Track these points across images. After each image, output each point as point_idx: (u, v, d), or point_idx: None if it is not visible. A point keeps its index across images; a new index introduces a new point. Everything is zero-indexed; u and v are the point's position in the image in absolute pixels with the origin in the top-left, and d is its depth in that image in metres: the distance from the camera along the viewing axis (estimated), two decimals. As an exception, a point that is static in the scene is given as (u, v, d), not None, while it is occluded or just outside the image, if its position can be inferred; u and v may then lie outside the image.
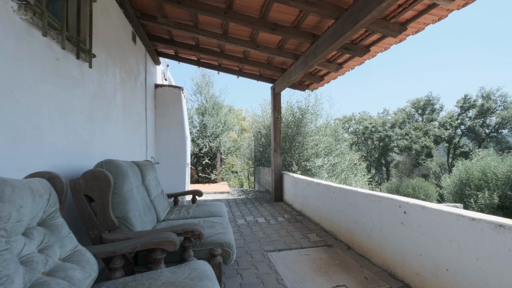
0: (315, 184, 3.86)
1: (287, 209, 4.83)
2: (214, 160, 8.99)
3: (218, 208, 2.91)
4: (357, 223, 2.73)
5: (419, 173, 25.83)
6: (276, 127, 5.57)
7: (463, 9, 2.65)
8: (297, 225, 3.81)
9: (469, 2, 2.51)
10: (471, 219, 1.53)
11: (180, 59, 5.93)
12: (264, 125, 7.82)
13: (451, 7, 2.66)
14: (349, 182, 6.01)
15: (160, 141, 5.73)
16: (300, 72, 4.26)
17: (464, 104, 25.86)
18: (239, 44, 4.22)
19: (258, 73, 5.88)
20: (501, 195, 9.33)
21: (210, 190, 7.15)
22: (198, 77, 10.98)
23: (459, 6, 2.60)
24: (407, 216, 2.03)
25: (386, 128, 29.88)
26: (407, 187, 16.61)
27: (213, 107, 10.39)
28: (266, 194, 6.75)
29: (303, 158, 5.88)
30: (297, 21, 3.46)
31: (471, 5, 2.58)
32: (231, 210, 4.86)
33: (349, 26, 2.76)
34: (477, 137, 24.97)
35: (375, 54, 4.00)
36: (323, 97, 6.61)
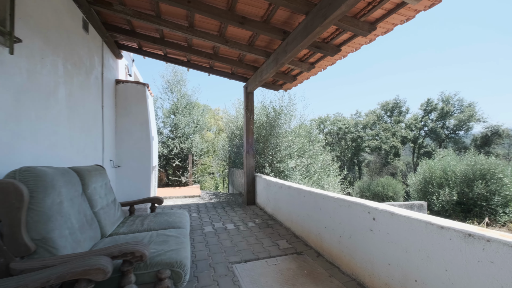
0: (286, 187, 3.70)
1: (259, 213, 4.63)
2: (186, 162, 8.54)
3: (179, 218, 2.61)
4: (327, 228, 2.60)
5: (388, 172, 27.31)
6: (249, 127, 5.36)
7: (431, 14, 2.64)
8: (267, 230, 3.62)
9: (436, 3, 2.50)
10: (440, 227, 1.43)
11: (145, 53, 5.48)
12: (237, 126, 7.57)
13: (418, 8, 2.64)
14: (322, 183, 5.99)
15: (121, 142, 5.23)
16: (271, 70, 4.09)
17: (427, 107, 27.82)
18: (206, 38, 3.93)
19: (230, 71, 5.63)
20: (459, 192, 10.02)
21: (179, 194, 6.74)
22: (169, 74, 10.42)
23: (425, 7, 2.59)
24: (376, 222, 1.92)
25: (358, 129, 31.20)
26: (377, 185, 17.36)
27: (185, 106, 9.90)
28: (239, 197, 6.51)
29: (277, 159, 5.74)
30: (266, 15, 3.27)
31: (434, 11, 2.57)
32: (200, 216, 4.55)
33: (318, 22, 2.63)
34: (438, 137, 26.99)
35: (346, 54, 3.95)
36: (296, 98, 6.58)
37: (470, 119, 24.93)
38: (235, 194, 7.30)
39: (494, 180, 9.60)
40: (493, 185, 9.52)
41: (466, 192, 9.95)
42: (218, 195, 6.96)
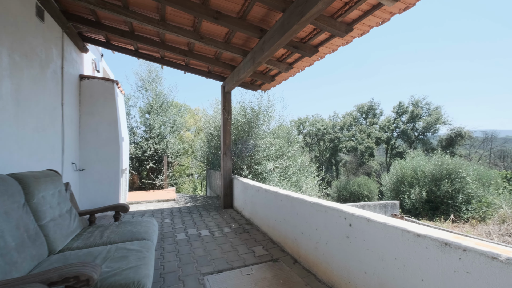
0: (263, 190, 3.58)
1: (235, 217, 4.47)
2: (161, 164, 8.12)
3: (145, 227, 2.37)
4: (304, 234, 2.51)
5: (363, 172, 28.40)
6: (226, 129, 5.17)
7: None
8: (244, 236, 3.47)
9: (410, 6, 2.52)
10: (416, 235, 1.38)
11: (114, 47, 5.08)
12: (215, 127, 7.35)
13: (393, 10, 2.65)
14: (301, 184, 5.97)
15: (86, 143, 4.81)
16: (248, 69, 3.95)
17: (399, 110, 29.37)
18: (180, 33, 3.70)
19: (207, 69, 5.41)
20: (428, 191, 10.62)
21: (153, 198, 6.37)
22: (143, 72, 9.87)
23: (400, 9, 2.60)
24: (353, 229, 1.85)
25: (336, 130, 32.13)
26: (353, 185, 17.96)
27: (161, 105, 9.44)
28: (216, 200, 6.30)
29: (255, 161, 5.61)
30: (242, 11, 3.13)
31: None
32: (173, 222, 4.29)
33: (295, 19, 2.53)
34: (409, 139, 28.59)
35: (323, 55, 3.92)
36: (275, 98, 6.52)
37: (436, 122, 26.70)
38: (213, 197, 7.07)
39: (458, 179, 10.27)
40: (458, 183, 10.19)
41: (434, 190, 10.56)
42: (194, 198, 6.68)
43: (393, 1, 2.39)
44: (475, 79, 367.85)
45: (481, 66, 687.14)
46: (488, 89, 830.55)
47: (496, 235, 7.21)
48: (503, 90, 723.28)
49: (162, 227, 3.95)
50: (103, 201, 4.81)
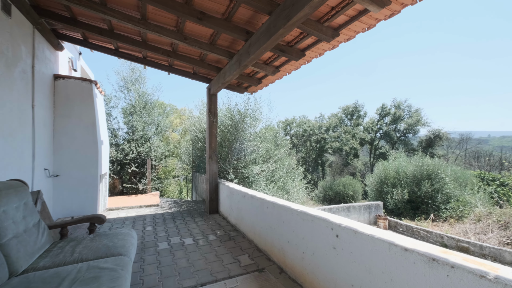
0: (249, 196, 3.50)
1: (221, 223, 4.35)
2: (144, 168, 7.82)
3: (122, 241, 2.22)
4: (290, 243, 2.45)
5: (348, 172, 29.01)
6: (212, 132, 5.05)
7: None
8: (229, 244, 3.37)
9: (395, 13, 2.53)
10: (404, 249, 1.35)
11: (92, 46, 4.81)
12: (200, 129, 7.18)
13: (379, 17, 2.66)
14: (287, 187, 5.94)
15: (61, 147, 4.52)
16: (234, 72, 3.86)
17: (382, 112, 30.28)
18: (162, 33, 3.55)
19: (192, 70, 5.26)
20: (410, 191, 10.96)
21: (135, 204, 6.11)
22: (126, 71, 9.49)
23: (386, 16, 2.61)
24: (340, 240, 1.81)
25: (322, 131, 32.63)
26: (339, 185, 18.30)
27: (145, 106, 9.12)
28: (202, 205, 6.14)
29: (241, 164, 5.52)
30: (227, 12, 3.04)
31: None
32: (155, 229, 4.10)
33: (282, 23, 2.47)
34: (391, 140, 29.54)
35: (310, 60, 3.90)
36: (262, 101, 6.46)
37: (417, 123, 27.77)
38: (198, 201, 6.89)
39: (437, 179, 10.68)
40: (437, 184, 10.59)
41: (415, 191, 10.91)
42: (179, 203, 6.48)
43: (379, 7, 2.39)
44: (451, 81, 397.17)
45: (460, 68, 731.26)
46: (463, 91, 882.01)
47: (473, 234, 7.53)
48: (475, 93, 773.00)
49: (143, 236, 3.76)
50: (79, 209, 4.54)
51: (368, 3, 2.36)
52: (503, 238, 6.75)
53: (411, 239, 1.45)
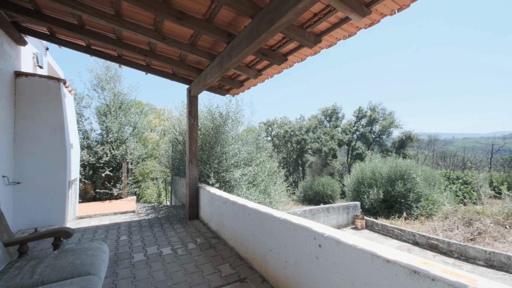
0: (231, 203, 3.41)
1: (201, 230, 4.22)
2: (119, 171, 7.40)
3: (91, 257, 2.03)
4: (272, 252, 2.41)
5: (327, 172, 29.81)
6: (192, 135, 4.89)
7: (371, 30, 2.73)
8: (210, 252, 3.26)
9: (375, 22, 2.59)
10: (386, 260, 1.36)
11: (60, 42, 4.45)
12: (180, 131, 6.95)
13: (360, 25, 2.71)
14: (269, 191, 5.92)
15: (23, 152, 4.13)
16: (216, 75, 3.75)
17: (359, 114, 31.53)
18: (139, 32, 3.35)
19: (171, 71, 5.07)
20: (385, 191, 11.48)
21: (109, 211, 5.75)
22: (100, 68, 8.94)
23: (366, 25, 2.67)
24: (322, 250, 1.80)
25: (302, 132, 33.25)
26: (318, 185, 18.75)
27: (120, 106, 8.64)
28: (181, 210, 5.93)
29: (222, 168, 5.40)
30: (208, 13, 2.94)
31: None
32: (131, 239, 3.87)
33: (264, 27, 2.43)
34: (367, 141, 30.85)
35: (292, 64, 3.91)
36: (244, 103, 6.41)
37: (390, 126, 29.27)
38: (178, 206, 6.66)
39: (409, 179, 11.29)
40: (409, 184, 11.18)
41: (390, 190, 11.44)
42: (157, 208, 6.21)
43: (360, 16, 2.43)
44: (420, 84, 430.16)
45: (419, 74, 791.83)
46: (431, 94, 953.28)
47: (441, 231, 8.04)
48: (441, 97, 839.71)
49: (117, 247, 3.53)
50: (45, 219, 4.17)
51: (350, 12, 2.39)
52: (467, 234, 7.27)
53: (392, 249, 1.47)
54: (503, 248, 6.31)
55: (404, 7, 2.46)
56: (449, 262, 6.19)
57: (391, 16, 2.57)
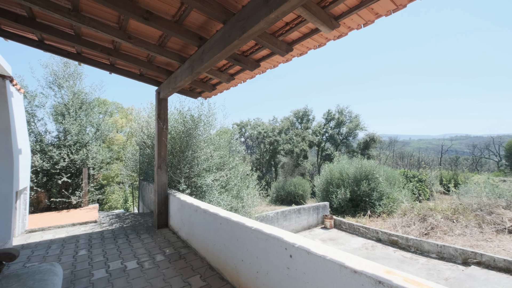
0: (202, 211, 3.31)
1: (171, 240, 4.03)
2: (79, 178, 6.77)
3: (40, 283, 1.81)
4: (244, 262, 2.38)
5: (298, 172, 30.70)
6: (161, 140, 4.66)
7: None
8: (179, 264, 3.12)
9: (343, 35, 2.71)
10: (353, 271, 1.41)
11: (6, 34, 3.93)
12: (149, 134, 6.60)
13: (329, 37, 2.81)
14: (242, 195, 5.88)
15: (-44, 158, 3.56)
16: (186, 78, 3.62)
17: (328, 117, 33.03)
18: (100, 29, 3.10)
19: (138, 71, 4.78)
20: (351, 191, 12.14)
21: (66, 222, 5.22)
22: (57, 64, 8.11)
23: (335, 36, 2.78)
24: (293, 260, 1.81)
25: (275, 134, 33.83)
26: (290, 185, 19.22)
27: (81, 106, 7.91)
28: (149, 218, 5.62)
29: (194, 173, 5.24)
30: (178, 15, 2.82)
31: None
32: (91, 253, 3.56)
33: (237, 34, 2.40)
34: (335, 142, 32.44)
35: (265, 70, 3.93)
36: (217, 107, 6.26)
37: (356, 128, 31.13)
38: (145, 213, 6.31)
39: (373, 179, 12.08)
40: (373, 183, 11.96)
41: (356, 190, 12.14)
42: (122, 217, 5.81)
43: (329, 29, 2.52)
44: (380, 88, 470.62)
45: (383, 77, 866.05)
46: (390, 97, 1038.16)
47: (400, 227, 8.74)
48: (399, 100, 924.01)
49: (74, 264, 3.21)
50: (-16, 235, 3.64)
51: (320, 24, 2.47)
52: (422, 229, 7.99)
53: (359, 258, 1.53)
54: (452, 241, 7.06)
55: (369, 23, 2.61)
56: (407, 256, 6.74)
57: (357, 30, 2.71)
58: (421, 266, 6.14)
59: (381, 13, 2.45)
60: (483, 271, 5.61)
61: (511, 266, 5.43)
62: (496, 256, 5.68)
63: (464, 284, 5.07)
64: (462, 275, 5.52)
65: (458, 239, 7.18)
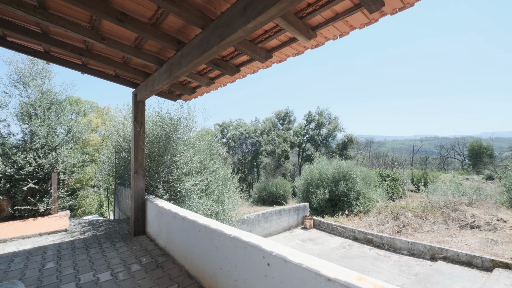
0: (180, 218, 3.25)
1: (148, 247, 3.91)
2: (47, 184, 6.32)
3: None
4: (223, 270, 2.37)
5: (280, 173, 31.10)
6: (138, 144, 4.50)
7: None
8: (156, 273, 3.04)
9: (320, 44, 2.80)
10: (327, 279, 1.46)
11: (-41, 28, 3.58)
12: (125, 137, 6.33)
13: (307, 45, 2.89)
14: (223, 198, 5.84)
15: None
16: (164, 82, 3.53)
17: (308, 118, 33.79)
18: (70, 29, 2.93)
19: (114, 73, 4.58)
20: (330, 191, 12.51)
21: (32, 231, 4.86)
22: (23, 61, 7.52)
23: (313, 45, 2.86)
24: (271, 268, 1.84)
25: (257, 134, 33.98)
26: (272, 186, 19.40)
27: (50, 107, 7.40)
28: (125, 225, 5.40)
29: (172, 178, 5.12)
30: (155, 18, 2.75)
31: (319, 49, 2.88)
32: (60, 265, 3.35)
33: (215, 41, 2.39)
34: (315, 143, 33.27)
35: (245, 75, 3.94)
36: (197, 109, 6.17)
37: (335, 129, 32.16)
38: (122, 220, 6.05)
39: (350, 179, 12.53)
40: (350, 183, 12.41)
41: (334, 190, 12.52)
42: (96, 224, 5.52)
43: (306, 39, 2.59)
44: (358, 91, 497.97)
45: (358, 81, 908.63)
46: (366, 99, 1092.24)
47: (375, 225, 9.16)
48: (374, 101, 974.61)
49: (40, 278, 3.00)
50: None
51: (298, 34, 2.53)
52: (395, 227, 8.44)
53: (334, 265, 1.59)
54: (421, 238, 7.53)
55: (344, 34, 2.72)
56: (381, 254, 7.08)
57: (334, 40, 2.81)
58: (393, 263, 6.48)
59: (355, 26, 2.56)
60: (448, 265, 6.05)
61: (472, 260, 5.91)
62: (459, 251, 6.15)
63: (431, 279, 5.44)
64: (430, 270, 5.91)
65: (427, 235, 7.67)
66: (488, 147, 33.17)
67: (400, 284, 5.35)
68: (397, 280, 5.61)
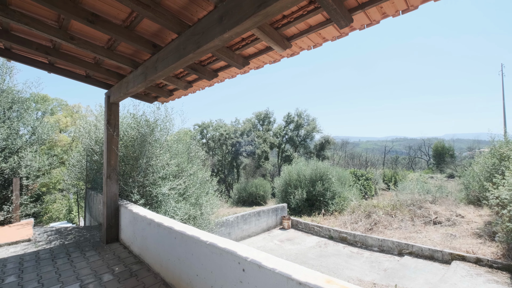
0: (156, 224, 3.19)
1: (121, 256, 3.77)
2: (7, 190, 5.81)
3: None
4: (199, 277, 2.38)
5: (260, 174, 31.33)
6: (111, 148, 4.31)
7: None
8: (130, 283, 2.95)
9: (295, 54, 2.91)
10: (298, 283, 1.54)
11: None
12: (97, 140, 6.03)
13: (283, 54, 2.99)
14: (201, 201, 5.78)
15: None
16: (139, 85, 3.44)
17: (288, 119, 34.42)
18: (35, 27, 2.75)
19: (85, 73, 4.35)
20: (308, 191, 12.87)
21: (-12, 242, 4.46)
22: (-23, 54, 6.87)
23: (288, 54, 2.96)
24: (246, 274, 1.89)
25: (237, 135, 33.93)
26: (252, 186, 19.48)
27: (11, 106, 6.82)
28: (97, 232, 5.15)
29: (148, 182, 4.98)
30: (129, 20, 2.68)
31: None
32: (22, 279, 3.12)
33: (192, 48, 2.39)
34: (294, 144, 33.98)
35: (223, 79, 3.95)
36: (175, 111, 6.03)
37: (313, 130, 33.10)
38: (93, 226, 5.76)
39: (327, 180, 12.98)
40: (326, 184, 12.85)
41: (311, 190, 12.89)
42: (64, 232, 5.20)
43: (282, 48, 2.68)
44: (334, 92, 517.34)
45: None
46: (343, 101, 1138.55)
47: (349, 224, 9.59)
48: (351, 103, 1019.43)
49: (-1, 294, 2.79)
50: None
51: (273, 44, 2.61)
52: (367, 225, 8.90)
53: (305, 269, 1.67)
54: (390, 234, 8.02)
55: (318, 45, 2.85)
56: (354, 251, 7.44)
57: (308, 51, 2.94)
58: (365, 260, 6.85)
59: (328, 38, 2.70)
60: (414, 260, 6.53)
61: (434, 254, 6.43)
62: (423, 246, 6.66)
63: (398, 273, 5.84)
64: (397, 265, 6.34)
65: (395, 232, 8.20)
66: (450, 147, 36.05)
67: (371, 280, 5.68)
68: (368, 276, 5.95)
